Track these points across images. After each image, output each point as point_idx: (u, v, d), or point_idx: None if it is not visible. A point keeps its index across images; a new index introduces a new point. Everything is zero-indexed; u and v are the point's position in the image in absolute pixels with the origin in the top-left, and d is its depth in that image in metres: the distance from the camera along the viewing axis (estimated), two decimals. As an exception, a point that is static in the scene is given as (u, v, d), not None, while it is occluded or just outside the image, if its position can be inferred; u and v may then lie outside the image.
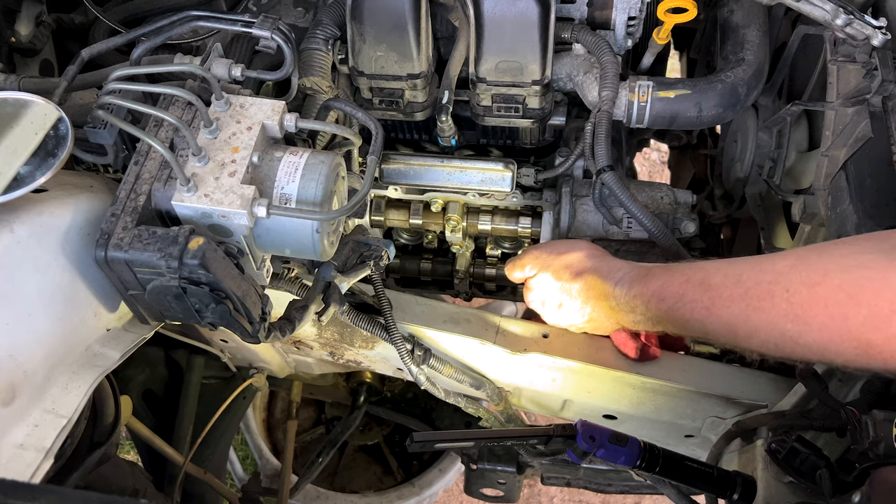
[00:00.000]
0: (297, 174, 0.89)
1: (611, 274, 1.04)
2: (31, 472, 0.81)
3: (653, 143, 1.98)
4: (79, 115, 0.95)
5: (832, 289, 0.78)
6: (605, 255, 1.11)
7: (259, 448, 2.28)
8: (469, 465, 1.62)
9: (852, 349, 0.78)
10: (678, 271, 0.95)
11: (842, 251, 0.81)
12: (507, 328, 1.24)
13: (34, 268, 0.82)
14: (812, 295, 0.79)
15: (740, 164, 1.40)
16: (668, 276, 0.96)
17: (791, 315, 0.81)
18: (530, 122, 1.24)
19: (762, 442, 1.03)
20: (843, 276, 0.78)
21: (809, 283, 0.80)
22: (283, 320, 1.00)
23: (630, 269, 1.03)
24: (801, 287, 0.80)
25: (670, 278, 0.95)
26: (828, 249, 0.83)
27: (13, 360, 0.80)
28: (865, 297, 0.76)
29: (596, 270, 1.07)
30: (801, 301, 0.80)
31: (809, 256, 0.83)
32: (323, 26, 1.17)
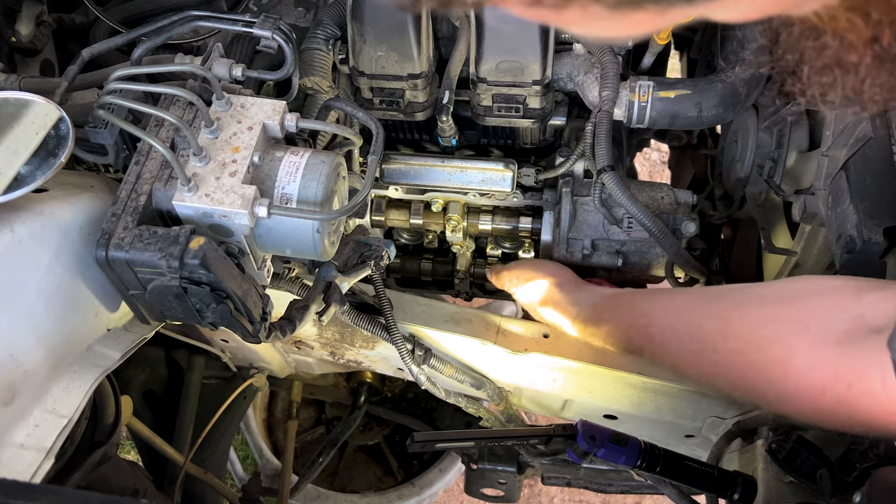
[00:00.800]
0: (298, 174, 0.89)
1: (568, 309, 1.16)
2: (32, 472, 0.81)
3: (653, 143, 1.98)
4: (79, 115, 0.94)
5: (749, 364, 0.85)
6: (568, 286, 1.21)
7: (259, 448, 2.28)
8: (469, 465, 1.62)
9: (775, 411, 0.91)
10: (624, 315, 1.05)
11: (758, 322, 0.87)
12: (507, 328, 1.24)
13: (35, 268, 0.82)
14: (735, 362, 0.87)
15: (740, 164, 1.40)
16: (616, 319, 1.06)
17: (720, 375, 0.90)
18: (531, 122, 1.24)
19: (763, 442, 1.03)
20: (757, 355, 0.85)
21: (732, 351, 0.87)
22: (284, 320, 1.00)
23: (582, 310, 1.13)
24: (727, 354, 0.88)
25: (618, 322, 1.05)
26: (748, 317, 0.89)
27: (13, 360, 0.80)
28: (774, 377, 0.83)
29: (556, 304, 1.18)
30: (726, 366, 0.88)
31: (732, 322, 0.90)
32: (323, 26, 1.17)
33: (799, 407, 0.83)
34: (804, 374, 0.81)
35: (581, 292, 1.18)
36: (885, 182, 0.98)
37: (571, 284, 1.21)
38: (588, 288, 1.20)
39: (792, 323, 0.84)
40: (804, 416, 0.85)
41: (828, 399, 0.79)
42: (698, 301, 0.99)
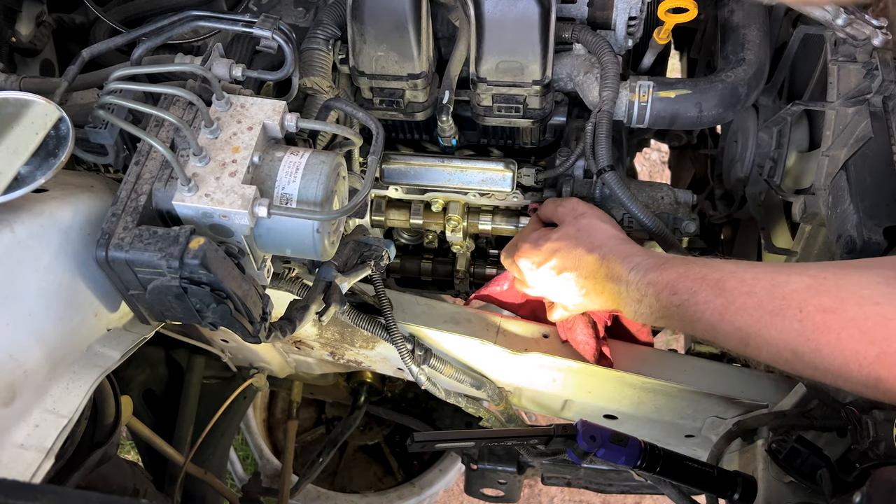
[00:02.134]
0: (298, 174, 0.89)
1: (628, 258, 1.01)
2: (32, 472, 0.81)
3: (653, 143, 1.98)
4: (79, 115, 0.94)
5: (846, 321, 0.78)
6: (625, 237, 1.08)
7: (259, 448, 2.28)
8: (469, 465, 1.62)
9: (861, 381, 0.78)
10: (695, 267, 0.93)
11: (859, 280, 0.81)
12: (507, 328, 1.24)
13: (35, 268, 0.82)
14: (825, 322, 0.79)
15: (740, 164, 1.40)
16: (685, 269, 0.93)
17: (803, 337, 0.81)
18: (531, 122, 1.24)
19: (763, 442, 1.03)
20: (858, 311, 0.77)
21: (823, 308, 0.80)
22: (284, 320, 1.00)
23: (647, 257, 1.00)
24: (815, 312, 0.80)
25: (686, 272, 0.93)
26: (845, 275, 0.82)
27: (13, 360, 0.80)
28: (878, 336, 0.76)
29: (614, 250, 1.04)
30: (813, 326, 0.80)
31: (826, 279, 0.82)
32: (323, 26, 1.17)
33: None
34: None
35: (637, 246, 1.06)
36: (885, 182, 0.99)
37: (627, 237, 1.08)
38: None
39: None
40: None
41: None
42: (782, 265, 0.91)
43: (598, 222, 1.11)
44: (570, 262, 1.07)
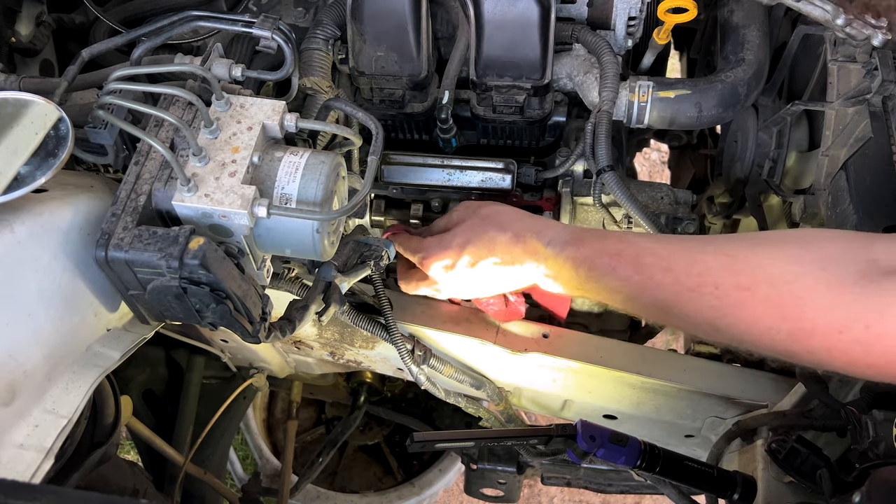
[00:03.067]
0: (298, 174, 0.89)
1: (542, 232, 1.02)
2: (32, 472, 0.81)
3: (653, 143, 1.98)
4: (79, 115, 0.94)
5: (760, 299, 0.82)
6: (530, 213, 1.08)
7: (259, 448, 2.28)
8: (469, 465, 1.62)
9: (775, 353, 0.84)
10: (611, 243, 0.95)
11: (771, 259, 0.84)
12: (507, 328, 1.24)
13: (34, 268, 0.82)
14: (741, 300, 0.83)
15: (740, 164, 1.40)
16: (602, 245, 0.95)
17: (720, 313, 0.85)
18: (530, 122, 1.24)
19: (762, 442, 1.03)
20: (771, 290, 0.82)
21: (738, 286, 0.83)
22: (284, 320, 1.00)
23: (561, 230, 1.01)
24: (731, 290, 0.84)
25: (603, 248, 0.95)
26: (757, 252, 0.86)
27: (13, 360, 0.80)
28: (790, 314, 0.80)
29: (527, 226, 1.04)
30: (729, 303, 0.84)
31: (740, 257, 0.86)
32: (323, 26, 1.17)
33: (812, 346, 0.80)
34: (823, 313, 0.79)
35: (552, 220, 1.07)
36: (884, 182, 0.99)
37: (532, 214, 1.08)
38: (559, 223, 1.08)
39: (808, 262, 0.82)
40: (814, 357, 0.82)
41: (844, 339, 0.77)
42: (700, 239, 0.93)
43: (499, 206, 1.09)
44: (484, 248, 1.05)
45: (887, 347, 0.76)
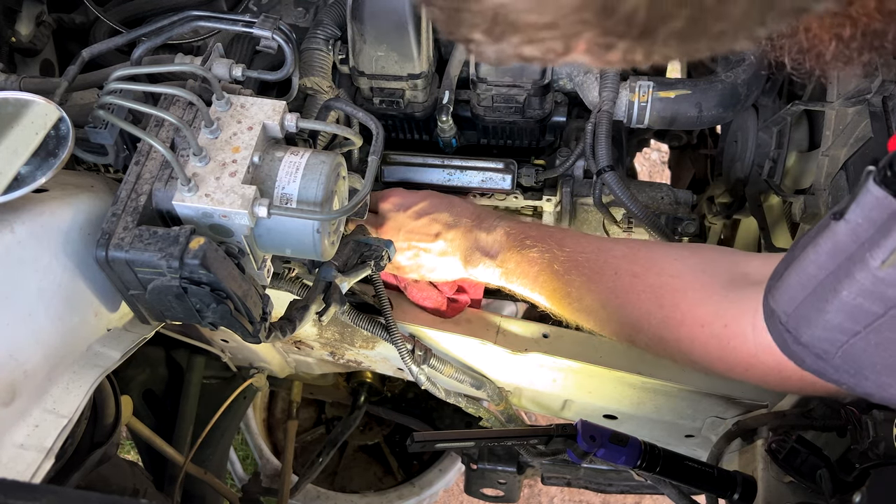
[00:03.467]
0: (298, 174, 0.89)
1: (464, 213, 1.15)
2: (32, 472, 0.81)
3: (653, 143, 1.98)
4: (79, 115, 0.94)
5: (646, 285, 0.95)
6: (450, 196, 1.19)
7: (259, 448, 2.28)
8: (469, 465, 1.62)
9: (648, 338, 0.96)
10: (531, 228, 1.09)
11: (664, 255, 0.98)
12: (507, 328, 1.24)
13: (35, 268, 0.82)
14: (632, 283, 0.97)
15: (740, 164, 1.40)
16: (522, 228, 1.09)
17: (613, 294, 0.98)
18: (530, 122, 1.24)
19: (762, 442, 1.03)
20: (656, 279, 0.95)
21: (632, 273, 0.97)
22: (284, 320, 1.00)
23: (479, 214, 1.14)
24: (625, 275, 0.98)
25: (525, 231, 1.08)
26: (654, 250, 1.01)
27: (13, 359, 0.80)
28: (666, 302, 0.93)
29: (448, 208, 1.16)
30: (622, 286, 0.97)
31: (639, 251, 1.00)
32: (323, 26, 1.17)
33: (679, 335, 0.92)
34: (692, 306, 0.91)
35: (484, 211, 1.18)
36: (885, 182, 0.98)
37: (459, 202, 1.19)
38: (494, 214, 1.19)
39: (692, 263, 0.95)
40: (679, 346, 0.93)
41: (705, 332, 0.89)
42: (612, 239, 1.09)
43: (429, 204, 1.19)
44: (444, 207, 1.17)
45: (737, 348, 0.87)
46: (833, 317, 0.67)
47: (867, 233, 0.62)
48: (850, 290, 0.64)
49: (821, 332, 0.69)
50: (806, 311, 0.70)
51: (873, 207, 0.61)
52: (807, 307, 0.70)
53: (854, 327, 0.66)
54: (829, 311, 0.67)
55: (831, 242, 0.65)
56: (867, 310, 0.64)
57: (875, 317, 0.64)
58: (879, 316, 0.64)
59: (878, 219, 0.61)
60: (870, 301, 0.63)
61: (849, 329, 0.66)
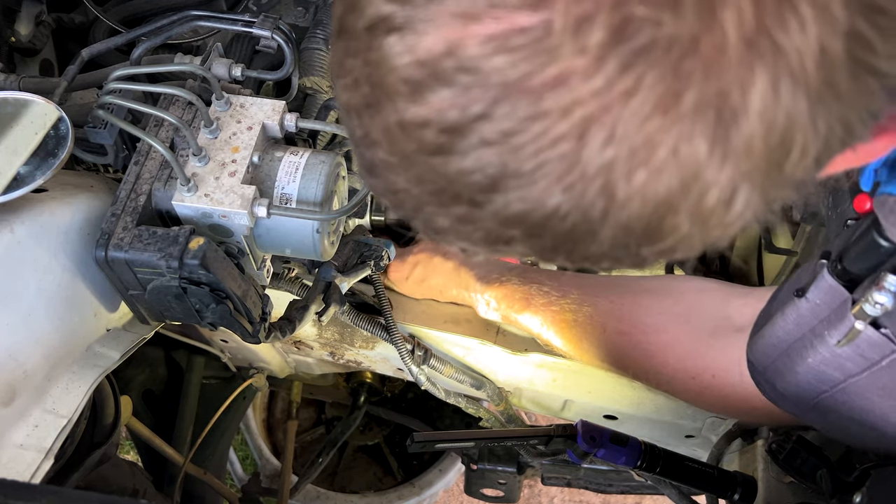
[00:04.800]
0: (298, 174, 0.89)
1: (474, 266, 1.20)
2: (32, 473, 0.81)
3: (653, 144, 1.98)
4: (79, 115, 0.94)
5: (634, 344, 1.00)
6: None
7: (259, 448, 2.28)
8: (469, 466, 1.62)
9: (648, 385, 1.04)
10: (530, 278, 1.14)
11: (647, 310, 1.02)
12: (507, 328, 1.24)
13: (34, 268, 0.82)
14: (620, 342, 1.01)
15: (741, 165, 1.40)
16: (520, 281, 1.14)
17: (604, 350, 1.04)
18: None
19: (763, 442, 1.03)
20: (643, 337, 0.99)
21: (619, 331, 1.01)
22: (284, 320, 1.00)
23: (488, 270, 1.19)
24: (614, 334, 1.02)
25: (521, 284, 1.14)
26: (638, 305, 1.04)
27: (13, 360, 0.80)
28: (657, 360, 0.98)
29: (467, 263, 1.22)
30: (610, 342, 1.02)
31: (624, 306, 1.04)
32: (323, 26, 1.16)
33: (673, 388, 0.99)
34: (680, 361, 0.96)
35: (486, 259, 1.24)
36: (885, 182, 0.98)
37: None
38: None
39: (675, 315, 1.00)
40: (676, 395, 1.01)
41: (696, 384, 0.95)
42: (598, 282, 1.13)
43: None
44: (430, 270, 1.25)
45: (729, 395, 0.93)
46: (803, 377, 0.72)
47: (825, 312, 0.68)
48: (813, 358, 0.69)
49: (793, 388, 0.74)
50: (779, 367, 0.75)
51: (828, 293, 0.67)
52: (779, 364, 0.75)
53: (821, 387, 0.71)
54: (798, 373, 0.72)
55: (796, 315, 0.71)
56: (830, 376, 0.69)
57: (838, 381, 0.69)
58: (841, 381, 0.69)
59: (832, 303, 0.67)
60: (831, 369, 0.69)
61: (817, 388, 0.72)
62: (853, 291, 0.64)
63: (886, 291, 0.61)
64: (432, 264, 1.23)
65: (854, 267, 0.65)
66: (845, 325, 0.65)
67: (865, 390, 0.68)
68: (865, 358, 0.65)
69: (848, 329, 0.64)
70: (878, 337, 0.63)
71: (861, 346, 0.65)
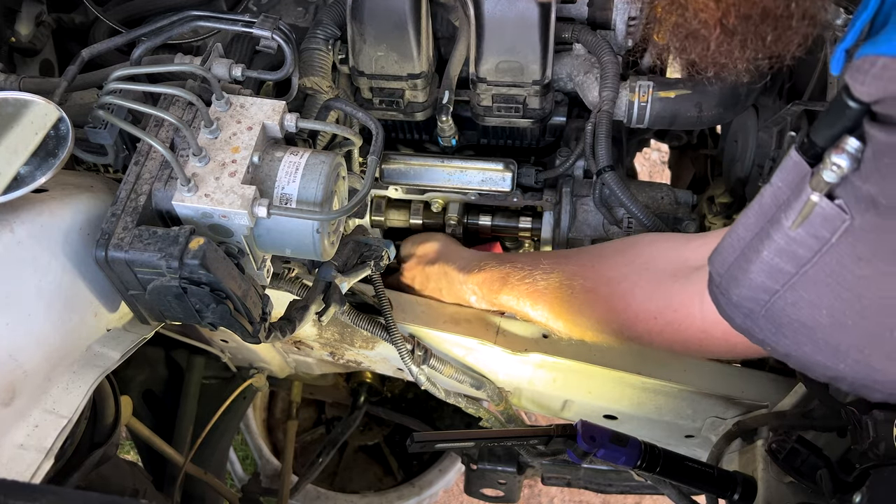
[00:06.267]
0: (298, 174, 0.89)
1: (456, 262, 1.25)
2: (32, 473, 0.81)
3: (653, 143, 1.98)
4: (79, 115, 0.94)
5: (599, 297, 1.03)
6: (453, 245, 1.31)
7: (259, 448, 2.28)
8: (469, 466, 1.62)
9: (622, 339, 1.04)
10: (505, 259, 1.19)
11: (610, 263, 1.06)
12: (507, 328, 1.24)
13: (34, 268, 0.82)
14: (587, 298, 1.05)
15: (740, 164, 1.40)
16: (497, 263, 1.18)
17: (574, 308, 1.06)
18: (530, 122, 1.24)
19: (763, 442, 1.03)
20: (606, 288, 1.03)
21: (585, 289, 1.05)
22: (284, 320, 1.00)
23: (468, 261, 1.23)
24: (580, 291, 1.06)
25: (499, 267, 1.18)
26: (601, 259, 1.08)
27: (13, 360, 0.80)
28: (620, 307, 1.01)
29: (444, 258, 1.27)
30: (579, 301, 1.06)
31: (586, 264, 1.09)
32: (323, 26, 1.16)
33: (637, 331, 1.00)
34: (643, 303, 0.98)
35: (464, 251, 1.31)
36: (884, 182, 0.98)
37: (455, 245, 1.33)
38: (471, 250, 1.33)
39: (636, 266, 1.02)
40: (643, 340, 1.02)
41: (659, 322, 0.96)
42: (567, 253, 1.19)
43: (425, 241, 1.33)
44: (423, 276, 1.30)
45: (689, 327, 0.93)
46: (755, 276, 0.72)
47: (785, 195, 0.67)
48: (768, 249, 0.69)
49: (746, 290, 0.74)
50: (734, 272, 0.75)
51: (790, 171, 0.67)
52: (735, 268, 0.75)
53: (773, 286, 0.71)
54: (752, 272, 0.72)
55: (758, 205, 0.71)
56: (782, 269, 0.69)
57: (789, 276, 0.69)
58: (793, 275, 0.68)
59: (793, 181, 0.66)
60: (784, 260, 0.68)
61: (769, 288, 0.71)
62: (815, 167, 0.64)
63: (845, 154, 0.60)
64: (426, 272, 1.29)
65: (820, 137, 0.64)
66: (801, 200, 0.64)
67: (814, 282, 0.68)
68: (817, 238, 0.65)
69: (803, 204, 0.64)
70: (831, 208, 0.63)
71: (814, 223, 0.64)
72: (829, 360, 0.73)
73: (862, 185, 0.61)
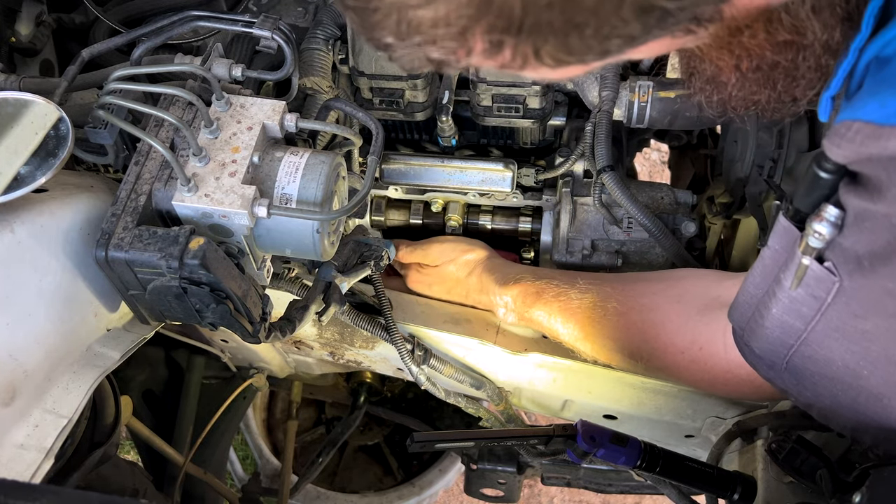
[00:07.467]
0: (298, 174, 0.89)
1: (495, 273, 1.23)
2: (32, 473, 0.81)
3: (653, 143, 1.97)
4: (79, 115, 0.94)
5: (630, 323, 1.04)
6: (496, 258, 1.29)
7: (259, 448, 2.28)
8: (469, 466, 1.62)
9: (644, 368, 1.07)
10: (542, 274, 1.18)
11: (642, 291, 1.08)
12: (507, 328, 1.24)
13: (34, 268, 0.82)
14: (618, 322, 1.06)
15: (740, 164, 1.40)
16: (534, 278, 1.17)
17: (606, 330, 1.07)
18: (530, 122, 1.24)
19: (763, 442, 1.03)
20: (638, 316, 1.04)
21: (617, 312, 1.06)
22: (284, 320, 1.00)
23: (505, 274, 1.22)
24: (612, 313, 1.06)
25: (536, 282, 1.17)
26: (635, 286, 1.09)
27: (13, 360, 0.80)
28: (650, 336, 1.02)
29: (486, 269, 1.25)
30: (610, 323, 1.07)
31: (623, 288, 1.09)
32: (323, 26, 1.16)
33: (665, 362, 1.02)
34: (671, 336, 1.00)
35: (505, 265, 1.28)
36: (884, 182, 0.98)
37: (497, 258, 1.30)
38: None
39: (668, 296, 1.04)
40: (668, 372, 1.05)
41: (685, 357, 0.98)
42: (605, 275, 1.19)
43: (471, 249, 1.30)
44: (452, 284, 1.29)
45: (714, 366, 0.96)
46: (771, 332, 0.74)
47: (782, 257, 0.70)
48: (776, 307, 0.71)
49: (766, 344, 0.76)
50: (753, 326, 0.77)
51: (782, 235, 0.69)
52: (753, 322, 0.77)
53: (789, 340, 0.73)
54: (767, 327, 0.74)
55: (761, 266, 0.74)
56: (792, 325, 0.71)
57: (800, 331, 0.71)
58: (803, 331, 0.71)
59: (787, 244, 0.69)
60: (792, 318, 0.71)
61: (785, 342, 0.73)
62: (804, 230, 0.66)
63: (826, 222, 0.62)
64: (461, 281, 1.27)
65: (802, 204, 0.66)
66: (795, 263, 0.66)
67: (823, 337, 0.69)
68: (815, 297, 0.67)
69: (797, 266, 0.66)
70: (821, 271, 0.65)
71: (810, 284, 0.66)
72: (849, 411, 0.74)
73: (849, 246, 0.63)
